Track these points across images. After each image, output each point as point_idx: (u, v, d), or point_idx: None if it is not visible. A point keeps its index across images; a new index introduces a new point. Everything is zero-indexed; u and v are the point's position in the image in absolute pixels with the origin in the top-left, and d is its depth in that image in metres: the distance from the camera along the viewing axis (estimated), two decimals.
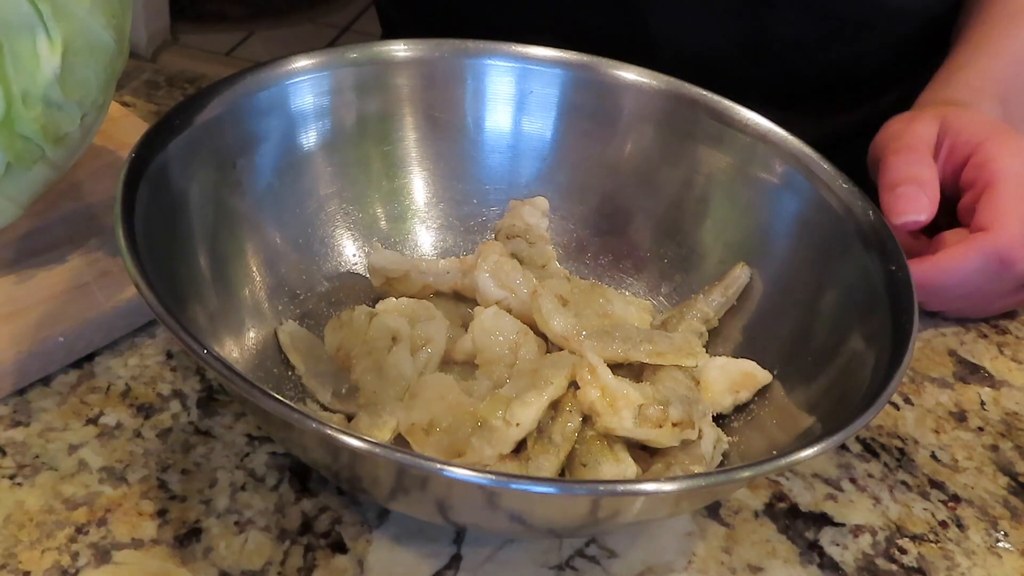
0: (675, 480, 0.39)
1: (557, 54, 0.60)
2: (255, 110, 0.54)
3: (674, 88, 0.59)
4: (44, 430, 0.50)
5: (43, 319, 0.52)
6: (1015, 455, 0.57)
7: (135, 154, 0.47)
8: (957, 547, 0.51)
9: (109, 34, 0.50)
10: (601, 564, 0.48)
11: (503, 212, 0.60)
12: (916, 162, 0.59)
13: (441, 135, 0.60)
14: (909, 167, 0.59)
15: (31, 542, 0.45)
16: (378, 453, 0.37)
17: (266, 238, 0.55)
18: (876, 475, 0.54)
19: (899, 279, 0.49)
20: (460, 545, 0.47)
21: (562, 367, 0.48)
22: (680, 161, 0.60)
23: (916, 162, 0.59)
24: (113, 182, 0.45)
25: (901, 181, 0.58)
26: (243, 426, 0.51)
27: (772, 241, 0.57)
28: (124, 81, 0.77)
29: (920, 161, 0.59)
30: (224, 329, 0.50)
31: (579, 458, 0.47)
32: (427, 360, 0.51)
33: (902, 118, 0.64)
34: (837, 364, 0.49)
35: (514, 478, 0.39)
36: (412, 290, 0.56)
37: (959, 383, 0.61)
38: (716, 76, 0.62)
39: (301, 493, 0.48)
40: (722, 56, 0.74)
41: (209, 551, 0.45)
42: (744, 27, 0.74)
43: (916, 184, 0.58)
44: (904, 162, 0.59)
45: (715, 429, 0.50)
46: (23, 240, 0.56)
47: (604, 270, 0.60)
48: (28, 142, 0.49)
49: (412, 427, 0.47)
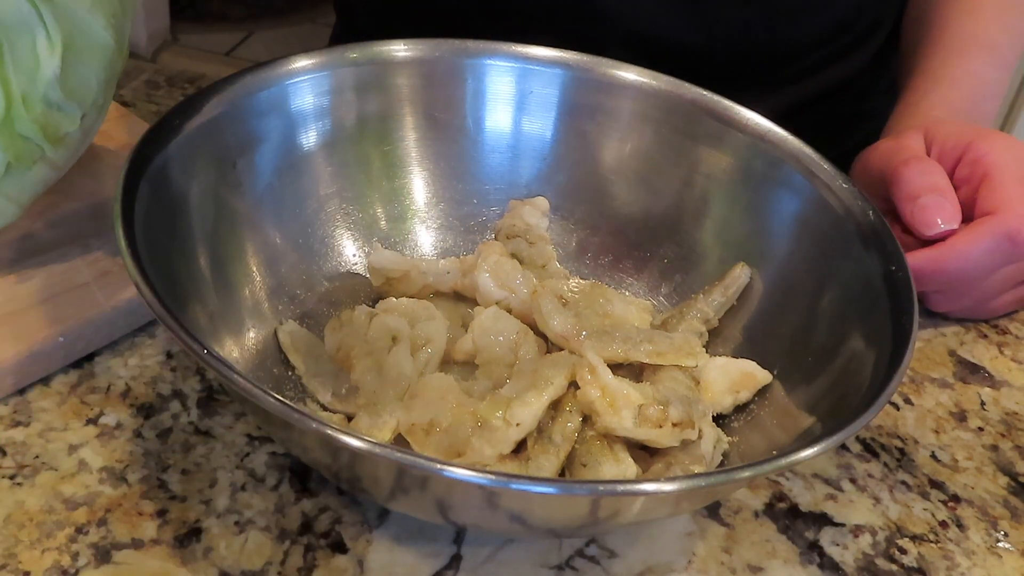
0: (675, 480, 0.39)
1: (557, 54, 0.60)
2: (255, 110, 0.54)
3: (674, 88, 0.59)
4: (44, 430, 0.50)
5: (43, 319, 0.52)
6: (1015, 455, 0.57)
7: (135, 154, 0.47)
8: (957, 547, 0.51)
9: (109, 34, 0.50)
10: (601, 564, 0.48)
11: (503, 212, 0.60)
12: (929, 171, 0.60)
13: (441, 135, 0.60)
14: (924, 176, 0.59)
15: (31, 542, 0.45)
16: (378, 453, 0.37)
17: (266, 238, 0.55)
18: (876, 475, 0.54)
19: (899, 279, 0.49)
20: (460, 545, 0.47)
21: (562, 367, 0.48)
22: (680, 161, 0.60)
23: (929, 171, 0.60)
24: (113, 182, 0.45)
25: (921, 191, 0.58)
26: (243, 426, 0.51)
27: (772, 241, 0.57)
28: (124, 81, 0.77)
29: (933, 169, 0.60)
30: (224, 329, 0.50)
31: (579, 458, 0.47)
32: (427, 360, 0.51)
33: (886, 140, 0.65)
34: (837, 364, 0.49)
35: (514, 478, 0.39)
36: (412, 290, 0.56)
37: (959, 383, 0.61)
38: (665, 56, 0.62)
39: (301, 493, 0.48)
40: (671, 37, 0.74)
41: (209, 551, 0.45)
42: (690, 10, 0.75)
43: (937, 193, 0.58)
44: (918, 172, 0.60)
45: (715, 429, 0.50)
46: (23, 240, 0.56)
47: (604, 270, 0.60)
48: (28, 142, 0.49)
49: (412, 427, 0.47)
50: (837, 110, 0.84)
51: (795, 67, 0.81)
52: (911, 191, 0.59)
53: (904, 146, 0.63)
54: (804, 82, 0.83)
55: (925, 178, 0.59)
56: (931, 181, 0.59)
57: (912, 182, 0.59)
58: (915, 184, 0.59)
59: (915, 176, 0.59)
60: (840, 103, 0.85)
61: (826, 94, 0.84)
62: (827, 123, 0.72)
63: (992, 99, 0.71)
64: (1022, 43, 0.75)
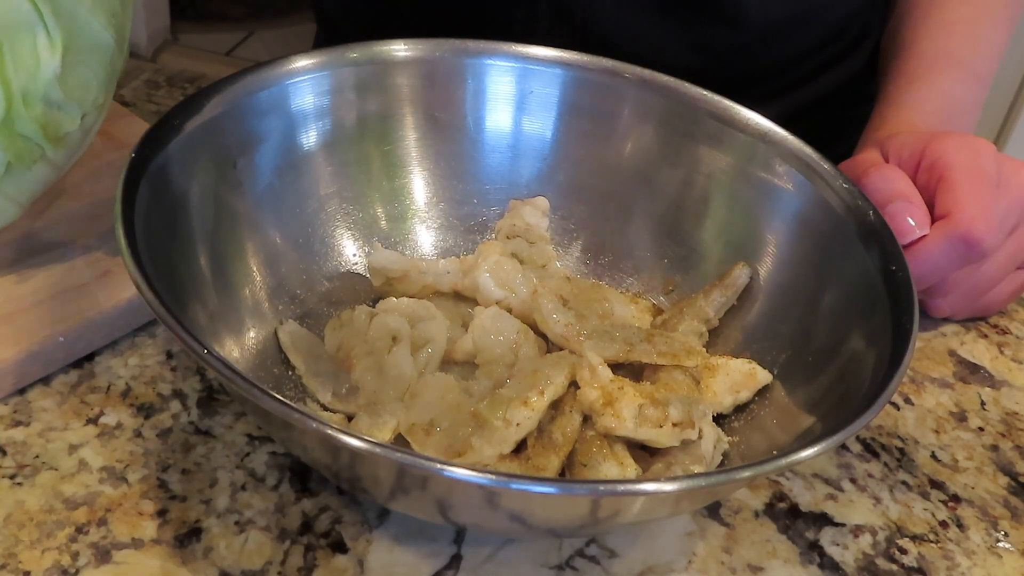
0: (675, 480, 0.39)
1: (557, 54, 0.60)
2: (255, 110, 0.54)
3: (674, 88, 0.59)
4: (44, 430, 0.50)
5: (43, 319, 0.52)
6: (1015, 455, 0.57)
7: (135, 154, 0.47)
8: (957, 547, 0.51)
9: (109, 34, 0.50)
10: (601, 564, 0.48)
11: (503, 212, 0.60)
12: (892, 177, 0.60)
13: (441, 135, 0.60)
14: (888, 183, 0.59)
15: (31, 542, 0.45)
16: (378, 453, 0.37)
17: (266, 238, 0.55)
18: (876, 475, 0.54)
19: (899, 279, 0.49)
20: (460, 545, 0.47)
21: (562, 367, 0.48)
22: (680, 161, 0.60)
23: (892, 177, 0.60)
24: (113, 182, 0.45)
25: (887, 200, 0.58)
26: (243, 426, 0.51)
27: (772, 241, 0.57)
28: (124, 81, 0.77)
29: (895, 175, 0.60)
30: (224, 329, 0.50)
31: (579, 458, 0.47)
32: (427, 360, 0.51)
33: (844, 163, 0.65)
34: (837, 364, 0.49)
35: (514, 478, 0.39)
36: (412, 290, 0.56)
37: (959, 383, 0.61)
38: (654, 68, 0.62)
39: (301, 493, 0.48)
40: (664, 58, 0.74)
41: (209, 551, 0.45)
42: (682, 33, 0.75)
43: (903, 199, 0.58)
44: (881, 179, 0.59)
45: (715, 429, 0.50)
46: (23, 240, 0.56)
47: (604, 270, 0.60)
48: (28, 142, 0.49)
49: (412, 427, 0.47)
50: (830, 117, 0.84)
51: (787, 79, 0.82)
52: (878, 200, 0.58)
53: (861, 160, 0.63)
54: (796, 92, 0.83)
55: (889, 184, 0.59)
56: (895, 187, 0.59)
57: (877, 191, 0.59)
58: (881, 192, 0.58)
59: (879, 183, 0.59)
60: (833, 110, 0.85)
61: (819, 102, 0.84)
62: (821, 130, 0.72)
63: (964, 115, 0.70)
64: (997, 55, 0.75)
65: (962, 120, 0.70)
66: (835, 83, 0.84)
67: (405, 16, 0.79)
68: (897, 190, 0.59)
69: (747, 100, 0.59)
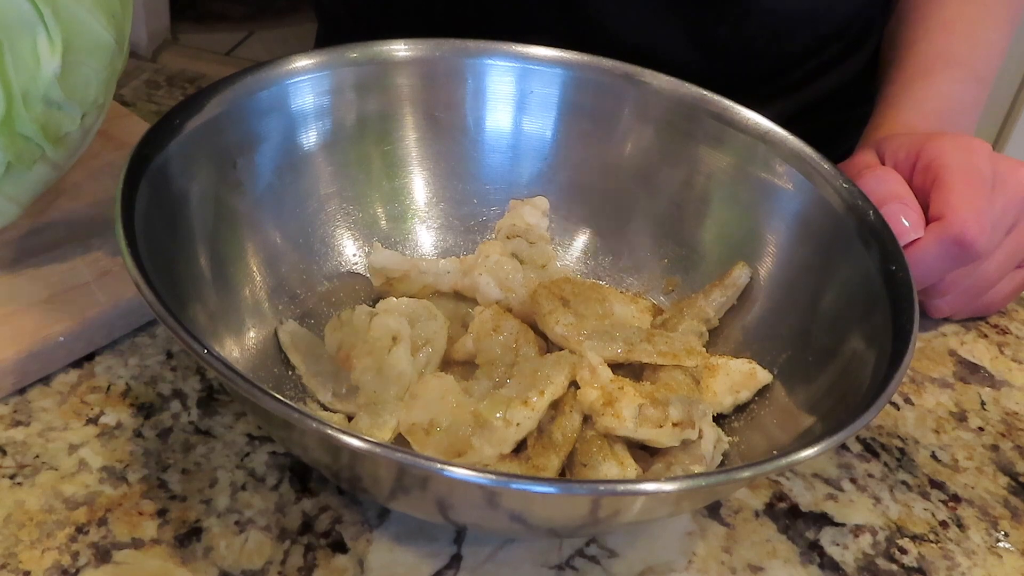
0: (675, 480, 0.39)
1: (557, 54, 0.60)
2: (255, 110, 0.54)
3: (674, 88, 0.59)
4: (44, 430, 0.50)
5: (43, 319, 0.52)
6: (1015, 455, 0.57)
7: (135, 154, 0.47)
8: (957, 547, 0.51)
9: (109, 34, 0.50)
10: (601, 564, 0.48)
11: (503, 212, 0.60)
12: (886, 178, 0.60)
13: (441, 135, 0.60)
14: (882, 184, 0.59)
15: (31, 542, 0.45)
16: (378, 453, 0.37)
17: (266, 238, 0.55)
18: (876, 475, 0.54)
19: (899, 279, 0.49)
20: (460, 545, 0.47)
21: (562, 367, 0.48)
22: (680, 161, 0.60)
23: (886, 178, 0.60)
24: (113, 182, 0.45)
25: (882, 201, 0.58)
26: (243, 426, 0.51)
27: (772, 241, 0.57)
28: (124, 81, 0.77)
29: (889, 176, 0.60)
30: (224, 329, 0.50)
31: (579, 458, 0.47)
32: (427, 360, 0.51)
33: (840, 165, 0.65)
34: (837, 364, 0.49)
35: (514, 478, 0.39)
36: (412, 290, 0.56)
37: (959, 383, 0.61)
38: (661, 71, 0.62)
39: (301, 493, 0.48)
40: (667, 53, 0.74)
41: (209, 551, 0.45)
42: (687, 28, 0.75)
43: (898, 201, 0.58)
44: (875, 180, 0.59)
45: (715, 429, 0.50)
46: (23, 240, 0.56)
47: (604, 270, 0.60)
48: (28, 142, 0.49)
49: (412, 427, 0.47)
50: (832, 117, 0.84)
51: (790, 78, 0.81)
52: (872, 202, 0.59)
53: (856, 162, 0.63)
54: (799, 92, 0.83)
55: (883, 186, 0.59)
56: (889, 189, 0.59)
57: (872, 193, 0.58)
58: (875, 194, 0.58)
59: (874, 185, 0.59)
60: (834, 110, 0.85)
61: (821, 102, 0.84)
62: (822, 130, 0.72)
63: (963, 115, 0.70)
64: (998, 55, 0.74)
65: (961, 120, 0.70)
66: (836, 83, 0.84)
67: (409, 9, 0.79)
68: (892, 192, 0.59)
69: (749, 99, 0.59)
